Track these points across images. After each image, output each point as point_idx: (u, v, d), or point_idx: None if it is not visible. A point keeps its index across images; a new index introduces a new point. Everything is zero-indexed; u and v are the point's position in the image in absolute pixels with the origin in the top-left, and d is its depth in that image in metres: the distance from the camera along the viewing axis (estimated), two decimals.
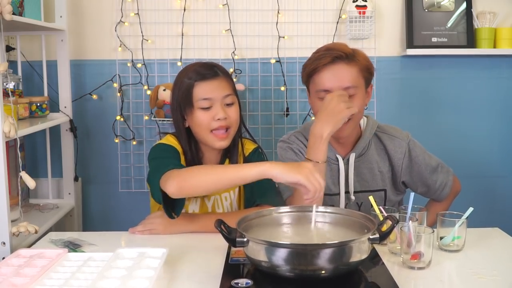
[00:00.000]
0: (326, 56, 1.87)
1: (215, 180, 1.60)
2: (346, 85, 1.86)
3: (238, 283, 1.35)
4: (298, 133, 2.09)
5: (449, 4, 2.84)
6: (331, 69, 1.87)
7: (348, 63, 1.87)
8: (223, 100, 1.86)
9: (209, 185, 1.63)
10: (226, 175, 1.59)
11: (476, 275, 1.47)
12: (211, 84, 1.85)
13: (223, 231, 1.41)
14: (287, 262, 1.34)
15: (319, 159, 1.81)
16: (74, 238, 1.76)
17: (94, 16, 2.83)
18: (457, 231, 1.63)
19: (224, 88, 1.87)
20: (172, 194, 1.64)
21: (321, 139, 1.80)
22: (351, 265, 1.37)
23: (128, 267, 1.39)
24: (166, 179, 1.65)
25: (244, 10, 2.82)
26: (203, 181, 1.61)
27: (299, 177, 1.48)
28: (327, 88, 1.87)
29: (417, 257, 1.49)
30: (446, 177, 2.10)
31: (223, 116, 1.84)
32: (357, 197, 2.02)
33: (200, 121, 1.86)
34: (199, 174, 1.62)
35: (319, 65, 1.87)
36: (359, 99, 1.89)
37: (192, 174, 1.63)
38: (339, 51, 1.87)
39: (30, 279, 1.33)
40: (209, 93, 1.84)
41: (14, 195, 2.25)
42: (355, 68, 1.88)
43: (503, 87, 2.93)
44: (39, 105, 2.50)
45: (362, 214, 1.55)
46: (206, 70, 1.87)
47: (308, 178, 1.48)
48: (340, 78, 1.86)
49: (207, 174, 1.62)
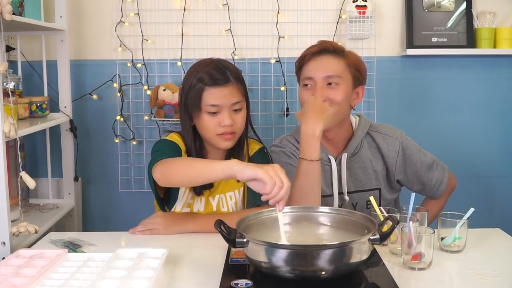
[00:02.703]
0: (315, 46, 1.95)
1: (186, 173, 1.61)
2: (328, 73, 1.91)
3: (238, 283, 1.35)
4: (290, 136, 2.09)
5: (449, 4, 2.83)
6: (317, 59, 1.94)
7: (335, 56, 1.93)
8: (231, 107, 1.86)
9: (183, 177, 1.63)
10: (195, 169, 1.59)
11: (477, 276, 1.47)
12: (221, 91, 1.83)
13: (223, 232, 1.41)
14: (287, 263, 1.33)
15: (313, 157, 1.82)
16: (74, 238, 1.76)
17: (94, 16, 2.83)
18: (458, 231, 1.63)
19: (234, 96, 1.85)
20: (157, 180, 1.68)
21: (313, 137, 1.81)
22: (351, 266, 1.37)
23: (128, 267, 1.40)
24: (155, 167, 1.68)
25: (244, 10, 2.82)
26: (178, 172, 1.63)
27: (258, 170, 1.41)
28: (310, 75, 1.92)
29: (417, 258, 1.49)
30: (441, 174, 2.10)
31: (229, 123, 1.84)
32: (351, 198, 2.02)
33: (206, 125, 1.86)
34: (177, 165, 1.65)
35: (307, 54, 1.95)
36: (341, 91, 1.92)
37: (173, 164, 1.65)
38: (329, 45, 1.94)
39: (30, 280, 1.33)
40: (218, 100, 1.83)
41: (14, 195, 2.25)
42: (342, 62, 1.93)
43: (503, 87, 2.93)
44: (39, 105, 2.50)
45: (362, 214, 1.55)
46: (219, 74, 1.84)
47: (267, 172, 1.40)
48: (324, 66, 1.92)
49: (182, 166, 1.64)
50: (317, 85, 1.91)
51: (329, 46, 1.94)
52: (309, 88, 1.93)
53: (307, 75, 1.93)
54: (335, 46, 1.96)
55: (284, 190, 1.41)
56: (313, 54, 1.93)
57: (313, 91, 1.92)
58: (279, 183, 1.40)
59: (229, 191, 1.99)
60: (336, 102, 1.90)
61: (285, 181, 1.41)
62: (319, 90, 1.90)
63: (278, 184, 1.40)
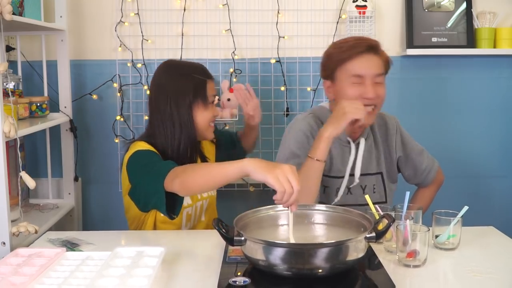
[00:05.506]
0: (361, 45, 1.96)
1: (204, 179, 1.63)
2: (377, 71, 1.96)
3: (236, 281, 1.36)
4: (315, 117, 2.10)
5: (449, 4, 2.83)
6: (365, 57, 1.96)
7: (376, 53, 1.98)
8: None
9: (202, 184, 1.65)
10: (211, 175, 1.60)
11: (471, 273, 1.48)
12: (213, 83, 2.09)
13: (221, 230, 1.42)
14: (285, 261, 1.34)
15: (319, 158, 1.84)
16: (72, 237, 1.77)
17: (94, 16, 2.84)
18: (452, 229, 1.64)
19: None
20: (178, 192, 1.70)
21: (321, 138, 1.85)
22: (348, 264, 1.38)
23: (127, 266, 1.40)
24: (171, 180, 1.69)
25: (244, 10, 2.82)
26: (196, 180, 1.64)
27: (268, 176, 1.43)
28: (361, 73, 1.95)
29: (412, 255, 1.51)
30: (431, 163, 2.22)
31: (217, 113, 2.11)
32: (360, 180, 2.06)
33: (204, 116, 2.02)
34: (193, 174, 1.65)
35: (354, 52, 1.96)
36: (384, 87, 2.00)
37: (188, 173, 1.66)
38: (373, 42, 1.99)
39: (29, 278, 1.34)
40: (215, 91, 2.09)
41: (14, 195, 2.26)
42: (381, 59, 1.99)
43: (503, 87, 2.93)
44: (39, 105, 2.50)
45: (358, 212, 1.57)
46: (206, 70, 2.08)
47: (278, 178, 1.42)
48: (373, 64, 1.96)
49: (198, 173, 1.65)
50: (368, 82, 1.95)
51: (374, 44, 1.99)
52: (357, 85, 1.96)
53: (357, 73, 1.95)
54: (377, 44, 2.00)
55: (294, 195, 1.43)
56: (361, 52, 1.96)
57: (362, 88, 1.95)
58: (289, 189, 1.42)
59: None
60: (382, 98, 1.99)
61: (294, 186, 1.42)
62: (370, 87, 1.94)
63: (288, 191, 1.42)
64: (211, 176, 1.60)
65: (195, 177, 1.64)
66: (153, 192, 1.76)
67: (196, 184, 1.65)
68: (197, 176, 1.64)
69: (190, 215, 2.05)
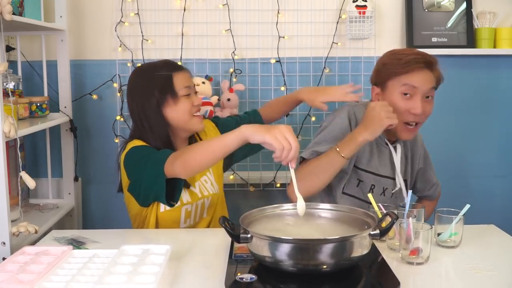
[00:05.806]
0: (420, 61, 1.99)
1: (204, 155, 1.67)
2: (430, 86, 2.00)
3: (243, 278, 1.36)
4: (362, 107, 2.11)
5: (449, 4, 2.85)
6: (422, 72, 1.98)
7: (432, 70, 2.01)
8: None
9: (202, 160, 1.68)
10: (211, 148, 1.65)
11: (473, 270, 1.50)
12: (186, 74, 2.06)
13: (227, 227, 1.42)
14: (290, 257, 1.35)
15: (345, 155, 1.87)
16: (77, 236, 1.78)
17: (94, 16, 2.84)
18: (454, 227, 1.66)
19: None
20: (179, 174, 1.74)
21: (355, 140, 1.88)
22: (352, 260, 1.39)
23: (133, 263, 1.40)
24: (171, 164, 1.73)
25: (244, 10, 2.82)
26: (196, 158, 1.68)
27: (266, 136, 1.48)
28: (416, 85, 1.97)
29: (415, 253, 1.52)
30: (436, 179, 2.31)
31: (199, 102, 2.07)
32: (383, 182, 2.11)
33: (183, 108, 1.99)
34: (192, 152, 1.70)
35: (414, 67, 1.98)
36: (433, 104, 2.04)
37: (187, 153, 1.70)
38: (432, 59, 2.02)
39: (37, 276, 1.34)
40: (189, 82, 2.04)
41: (14, 195, 2.25)
42: (434, 75, 2.02)
43: (503, 87, 2.94)
44: (39, 105, 2.50)
45: (363, 211, 1.58)
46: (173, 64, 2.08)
47: (275, 137, 1.47)
48: (428, 80, 1.99)
49: (197, 150, 1.70)
50: (418, 96, 1.97)
51: (433, 61, 2.02)
52: (408, 97, 1.98)
53: (413, 84, 1.97)
54: (436, 61, 2.04)
55: (293, 152, 1.48)
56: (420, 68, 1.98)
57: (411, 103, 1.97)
58: (287, 146, 1.47)
59: (202, 176, 2.11)
60: (427, 116, 2.02)
61: (292, 143, 1.47)
62: (419, 103, 1.97)
63: (287, 147, 1.47)
64: (211, 150, 1.64)
65: (195, 155, 1.68)
66: (153, 181, 1.79)
67: (197, 161, 1.68)
68: (197, 154, 1.68)
69: (190, 212, 2.05)
